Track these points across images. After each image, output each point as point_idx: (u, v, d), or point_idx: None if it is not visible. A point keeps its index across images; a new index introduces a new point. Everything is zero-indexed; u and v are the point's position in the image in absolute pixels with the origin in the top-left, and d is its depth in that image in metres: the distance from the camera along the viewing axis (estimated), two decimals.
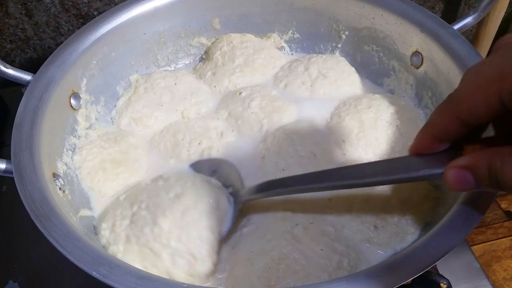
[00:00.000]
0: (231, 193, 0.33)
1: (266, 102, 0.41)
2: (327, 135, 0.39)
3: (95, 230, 0.33)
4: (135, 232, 0.30)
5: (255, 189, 0.31)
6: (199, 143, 0.38)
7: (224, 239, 0.32)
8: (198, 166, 0.37)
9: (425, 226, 0.32)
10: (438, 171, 0.23)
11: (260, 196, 0.31)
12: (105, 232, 0.31)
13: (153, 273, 0.27)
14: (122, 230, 0.31)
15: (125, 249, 0.30)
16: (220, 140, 0.39)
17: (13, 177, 0.30)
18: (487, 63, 0.20)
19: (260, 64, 0.45)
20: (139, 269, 0.26)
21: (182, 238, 0.29)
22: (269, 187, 0.31)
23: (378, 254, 0.32)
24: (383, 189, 0.34)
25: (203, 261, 0.29)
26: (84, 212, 0.34)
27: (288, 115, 0.41)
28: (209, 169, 0.36)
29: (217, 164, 0.36)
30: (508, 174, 0.19)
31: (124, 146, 0.39)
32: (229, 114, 0.42)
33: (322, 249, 0.30)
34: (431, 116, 0.23)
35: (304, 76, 0.44)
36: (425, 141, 0.24)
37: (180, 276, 0.29)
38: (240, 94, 0.42)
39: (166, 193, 0.32)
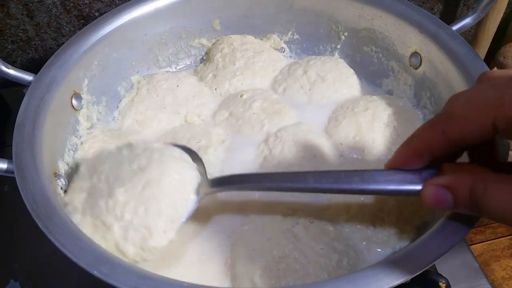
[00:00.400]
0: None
1: (268, 104, 0.42)
2: (326, 138, 0.39)
3: None
4: (90, 204, 0.29)
5: (219, 181, 0.30)
6: (198, 141, 0.39)
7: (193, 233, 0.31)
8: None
9: (424, 225, 0.33)
10: (416, 187, 0.23)
11: (223, 189, 0.30)
12: (67, 207, 0.30)
13: (102, 246, 0.27)
14: (79, 202, 0.30)
15: (81, 220, 0.29)
16: (220, 144, 0.39)
17: (14, 177, 0.30)
18: (480, 90, 0.20)
19: (261, 67, 0.46)
20: (141, 268, 0.26)
21: (139, 211, 0.27)
22: (232, 181, 0.29)
23: (377, 253, 0.32)
24: None
25: (159, 235, 0.27)
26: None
27: (289, 118, 0.41)
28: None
29: (187, 148, 0.32)
30: (490, 201, 0.19)
31: (126, 142, 0.39)
32: (230, 114, 0.42)
33: (322, 248, 0.30)
34: (417, 130, 0.24)
35: (302, 80, 0.44)
36: (405, 155, 0.24)
37: (129, 249, 0.27)
38: (241, 96, 0.43)
39: (129, 164, 0.29)
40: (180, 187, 0.29)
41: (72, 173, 0.36)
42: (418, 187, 0.23)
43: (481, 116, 0.19)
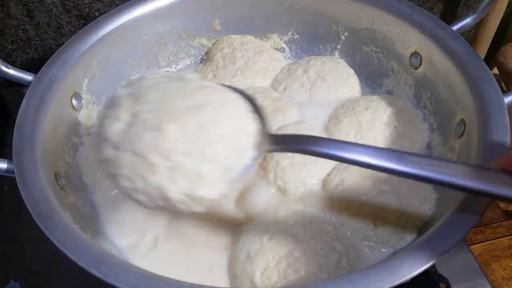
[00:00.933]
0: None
1: (269, 102, 0.41)
2: (326, 137, 0.39)
3: (101, 229, 0.33)
4: (130, 136, 0.24)
5: (283, 139, 0.26)
6: None
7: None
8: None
9: (424, 225, 0.33)
10: None
11: (285, 149, 0.26)
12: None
13: (138, 189, 0.23)
14: (113, 133, 0.24)
15: (112, 156, 0.24)
16: None
17: (14, 177, 0.30)
18: None
19: (261, 67, 0.46)
20: (141, 268, 0.26)
21: (191, 153, 0.23)
22: (301, 142, 0.25)
23: (377, 253, 0.32)
24: (382, 188, 0.34)
25: (211, 185, 0.24)
26: (87, 211, 0.34)
27: (290, 116, 0.41)
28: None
29: (247, 95, 0.28)
30: None
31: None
32: None
33: (322, 248, 0.30)
34: None
35: (303, 79, 0.44)
36: None
37: (175, 194, 0.23)
38: None
39: (183, 99, 0.24)
40: (239, 136, 0.25)
41: (73, 173, 0.36)
42: None
43: None
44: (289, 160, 0.36)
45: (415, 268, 0.24)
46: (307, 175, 0.35)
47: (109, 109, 0.26)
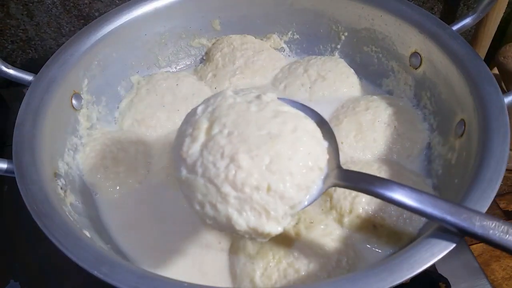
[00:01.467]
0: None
1: None
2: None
3: (102, 229, 0.33)
4: (204, 160, 0.24)
5: (351, 177, 0.26)
6: None
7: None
8: (293, 105, 0.28)
9: (424, 226, 0.33)
10: None
11: (352, 187, 0.26)
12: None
13: (208, 215, 0.24)
14: (189, 154, 0.24)
15: (186, 178, 0.25)
16: None
17: (14, 177, 0.30)
18: None
19: (260, 66, 0.46)
20: (140, 268, 0.26)
21: (261, 186, 0.23)
22: (367, 182, 0.25)
23: (376, 253, 0.32)
24: None
25: (276, 221, 0.24)
26: (87, 211, 0.34)
27: None
28: (311, 117, 0.28)
29: (321, 121, 0.28)
30: None
31: (126, 145, 0.39)
32: None
33: (322, 249, 0.30)
34: None
35: (303, 78, 0.44)
36: None
37: (241, 226, 0.24)
38: None
39: (258, 127, 0.25)
40: (310, 171, 0.25)
41: (74, 173, 0.36)
42: None
43: None
44: None
45: (414, 268, 0.24)
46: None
47: (188, 126, 0.26)
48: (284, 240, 0.31)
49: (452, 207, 0.24)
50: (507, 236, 0.23)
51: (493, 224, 0.23)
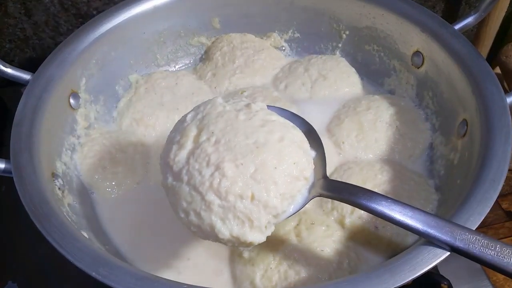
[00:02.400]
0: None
1: (269, 102, 0.41)
2: (328, 137, 0.39)
3: (99, 230, 0.33)
4: (190, 168, 0.24)
5: (336, 187, 0.26)
6: None
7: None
8: (282, 114, 0.28)
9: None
10: None
11: (336, 198, 0.26)
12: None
13: (192, 222, 0.24)
14: (174, 162, 0.25)
15: (172, 185, 0.25)
16: None
17: (12, 177, 0.29)
18: None
19: (261, 65, 0.45)
20: (139, 270, 0.26)
21: (245, 195, 0.24)
22: (351, 193, 0.25)
23: (378, 255, 0.32)
24: (383, 190, 0.33)
25: (259, 230, 0.24)
26: (85, 212, 0.34)
27: None
28: (299, 126, 0.28)
29: (309, 130, 0.28)
30: None
31: (125, 145, 0.39)
32: None
33: (323, 250, 0.30)
34: None
35: (304, 77, 0.44)
36: None
37: (224, 235, 0.24)
38: (242, 93, 0.42)
39: (245, 136, 0.25)
40: (295, 180, 0.25)
41: (71, 173, 0.36)
42: None
43: None
44: None
45: (416, 269, 0.24)
46: None
47: (177, 134, 0.27)
48: (285, 242, 0.31)
49: (434, 220, 0.24)
50: (487, 250, 0.23)
51: (474, 238, 0.23)
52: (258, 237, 0.25)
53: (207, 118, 0.26)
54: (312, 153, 0.28)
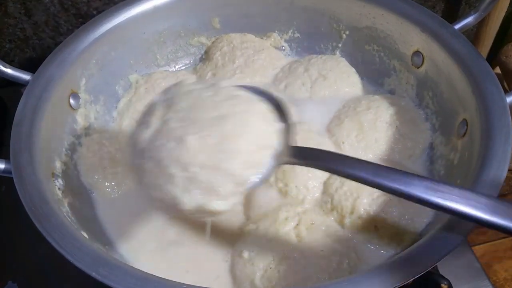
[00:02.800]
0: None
1: None
2: (328, 137, 0.39)
3: (99, 230, 0.33)
4: (155, 144, 0.25)
5: (302, 153, 0.26)
6: None
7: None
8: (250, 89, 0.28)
9: (426, 226, 0.32)
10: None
11: (304, 163, 0.26)
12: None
13: (157, 197, 0.24)
14: (140, 141, 0.25)
15: (138, 164, 0.25)
16: None
17: (12, 177, 0.29)
18: None
19: (261, 65, 0.45)
20: (139, 270, 0.26)
21: (207, 165, 0.24)
22: (320, 158, 0.25)
23: (378, 254, 0.32)
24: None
25: (223, 198, 0.24)
26: (85, 212, 0.34)
27: None
28: (269, 100, 0.28)
29: (277, 103, 0.28)
30: None
31: (125, 145, 0.39)
32: None
33: (322, 250, 0.30)
34: None
35: (304, 77, 0.44)
36: None
37: (187, 204, 0.24)
38: None
39: (209, 110, 0.25)
40: (259, 149, 0.25)
41: (71, 173, 0.36)
42: None
43: None
44: None
45: (417, 269, 0.24)
46: (309, 177, 0.35)
47: (144, 116, 0.27)
48: (285, 242, 0.31)
49: (403, 175, 0.24)
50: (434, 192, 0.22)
51: (428, 183, 0.22)
52: (222, 205, 0.24)
53: (175, 98, 0.26)
54: (279, 125, 0.27)
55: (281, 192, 0.35)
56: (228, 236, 0.33)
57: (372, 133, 0.38)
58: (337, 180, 0.35)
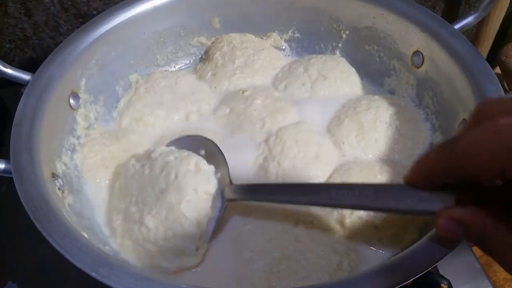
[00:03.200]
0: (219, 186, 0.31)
1: (270, 102, 0.41)
2: (328, 137, 0.39)
3: (99, 230, 0.33)
4: (127, 228, 0.31)
5: (244, 189, 0.30)
6: None
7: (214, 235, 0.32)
8: (182, 144, 0.34)
9: (425, 225, 0.32)
10: (429, 209, 0.22)
11: (248, 198, 0.30)
12: (105, 227, 0.33)
13: (151, 267, 0.29)
14: (118, 225, 0.32)
15: (121, 243, 0.31)
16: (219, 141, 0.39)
17: (12, 177, 0.29)
18: (488, 133, 0.18)
19: (260, 65, 0.45)
20: (139, 270, 0.26)
21: (168, 236, 0.29)
22: (259, 191, 0.30)
23: (378, 254, 0.32)
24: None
25: (192, 256, 0.30)
26: (85, 212, 0.34)
27: (290, 116, 0.40)
28: (195, 148, 0.33)
29: (203, 144, 0.34)
30: (507, 255, 0.19)
31: (126, 144, 0.39)
32: (231, 110, 0.41)
33: (323, 250, 0.30)
34: (428, 151, 0.22)
35: (304, 77, 0.44)
36: (417, 176, 0.22)
37: (170, 269, 0.30)
38: (243, 93, 0.43)
39: (152, 187, 0.31)
40: (200, 204, 0.30)
41: (71, 173, 0.36)
42: (431, 208, 0.22)
43: (489, 162, 0.18)
44: (290, 161, 0.36)
45: (417, 270, 0.24)
46: (309, 176, 0.35)
47: (119, 201, 0.33)
48: (284, 242, 0.31)
49: (310, 187, 0.29)
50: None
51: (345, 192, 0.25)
52: (193, 260, 0.30)
53: (126, 184, 0.33)
54: (211, 168, 0.32)
55: None
56: (227, 236, 0.33)
57: (372, 133, 0.38)
58: (337, 179, 0.35)
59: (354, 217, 0.32)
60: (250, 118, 0.40)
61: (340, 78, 0.43)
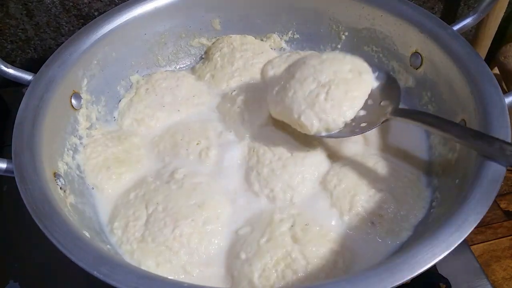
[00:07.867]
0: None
1: (250, 95, 0.41)
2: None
3: (100, 230, 0.33)
4: (151, 232, 0.32)
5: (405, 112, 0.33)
6: (198, 143, 0.38)
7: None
8: None
9: (419, 223, 0.33)
10: None
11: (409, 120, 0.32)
12: (117, 231, 0.33)
13: (165, 267, 0.30)
14: (136, 230, 0.33)
15: (138, 247, 0.32)
16: (218, 140, 0.39)
17: (14, 177, 0.30)
18: None
19: (259, 69, 0.45)
20: (140, 269, 0.26)
21: (202, 242, 0.32)
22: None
23: (375, 251, 0.32)
24: (378, 187, 0.34)
25: (218, 266, 0.32)
26: (87, 212, 0.34)
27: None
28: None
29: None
30: None
31: (128, 145, 0.39)
32: (219, 112, 0.42)
33: (318, 250, 0.30)
34: None
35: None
36: None
37: (194, 270, 0.31)
38: (231, 93, 0.43)
39: (186, 200, 0.34)
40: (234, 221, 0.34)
41: (73, 173, 0.36)
42: None
43: None
44: (268, 168, 0.36)
45: (415, 268, 0.24)
46: (303, 177, 0.35)
47: (129, 210, 0.35)
48: (281, 243, 0.31)
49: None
50: None
51: None
52: (219, 270, 0.32)
53: (147, 194, 0.35)
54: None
55: (269, 198, 0.35)
56: (226, 237, 0.33)
57: (371, 133, 0.38)
58: (334, 177, 0.35)
59: (352, 214, 0.33)
60: (232, 116, 0.40)
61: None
